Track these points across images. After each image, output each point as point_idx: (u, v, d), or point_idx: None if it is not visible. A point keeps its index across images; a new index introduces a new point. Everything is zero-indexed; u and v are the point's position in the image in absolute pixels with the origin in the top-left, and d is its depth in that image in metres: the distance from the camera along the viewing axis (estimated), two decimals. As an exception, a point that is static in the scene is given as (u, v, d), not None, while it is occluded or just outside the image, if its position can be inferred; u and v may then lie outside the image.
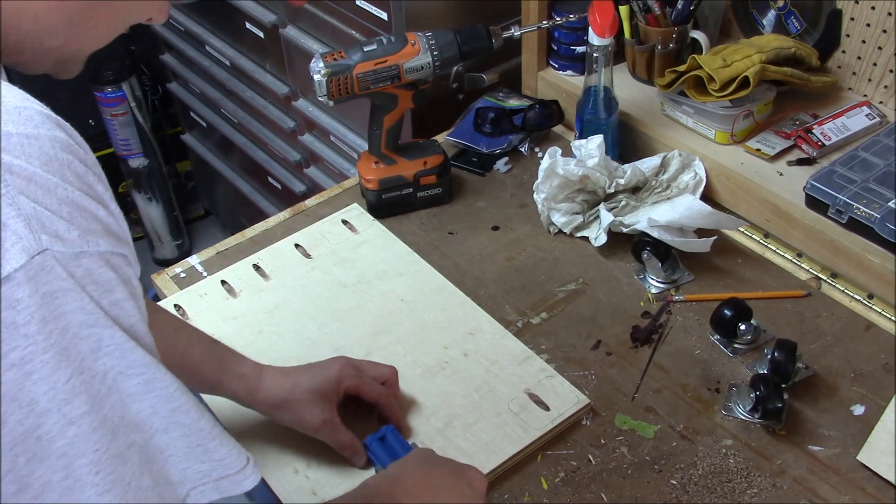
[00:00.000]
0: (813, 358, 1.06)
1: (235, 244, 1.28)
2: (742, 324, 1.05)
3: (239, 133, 2.17)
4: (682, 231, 1.17)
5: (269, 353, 1.05)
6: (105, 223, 0.55)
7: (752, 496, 0.92)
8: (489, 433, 0.98)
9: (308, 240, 1.26)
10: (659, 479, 0.94)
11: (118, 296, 0.55)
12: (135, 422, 0.56)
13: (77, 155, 0.56)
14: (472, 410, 1.01)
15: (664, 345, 1.09)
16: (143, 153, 2.51)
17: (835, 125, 1.25)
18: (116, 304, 0.55)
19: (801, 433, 0.98)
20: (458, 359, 1.07)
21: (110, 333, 0.54)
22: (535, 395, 1.02)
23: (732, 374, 1.05)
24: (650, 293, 1.16)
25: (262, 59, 1.93)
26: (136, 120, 2.44)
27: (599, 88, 1.27)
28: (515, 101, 1.47)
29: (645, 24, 1.34)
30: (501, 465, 0.95)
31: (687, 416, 1.01)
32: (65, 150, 0.55)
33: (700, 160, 1.26)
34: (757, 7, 1.37)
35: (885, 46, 1.25)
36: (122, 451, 0.55)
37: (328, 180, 1.87)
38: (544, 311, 1.15)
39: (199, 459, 0.60)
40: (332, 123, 1.78)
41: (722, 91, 1.23)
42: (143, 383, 0.56)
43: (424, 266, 1.20)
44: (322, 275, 1.20)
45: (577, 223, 1.24)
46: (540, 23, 1.33)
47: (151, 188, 2.59)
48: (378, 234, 1.26)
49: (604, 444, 0.98)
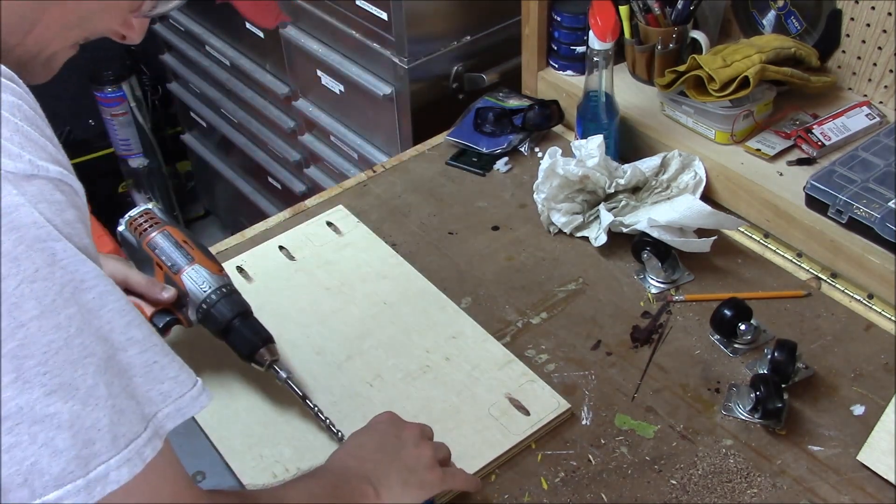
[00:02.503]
0: (813, 358, 1.06)
1: (235, 244, 1.28)
2: (742, 324, 1.05)
3: (239, 133, 2.17)
4: (682, 231, 1.17)
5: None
6: (54, 156, 0.59)
7: (752, 496, 0.92)
8: (469, 437, 0.98)
9: (292, 242, 1.25)
10: (659, 479, 0.94)
11: (69, 216, 0.58)
12: (95, 335, 0.57)
13: (25, 101, 0.60)
14: (453, 415, 1.00)
15: (664, 345, 1.09)
16: (143, 153, 2.51)
17: (835, 125, 1.25)
18: (68, 224, 0.58)
19: (801, 433, 0.98)
20: (439, 363, 1.07)
21: (63, 246, 0.56)
22: (516, 399, 1.02)
23: (732, 374, 1.05)
24: (650, 293, 1.16)
25: (262, 59, 1.93)
26: (136, 120, 2.44)
27: (600, 93, 1.27)
28: (515, 101, 1.47)
29: (645, 24, 1.34)
30: (482, 469, 0.95)
31: (687, 416, 1.01)
32: (13, 95, 0.59)
33: (700, 160, 1.26)
34: (757, 7, 1.37)
35: (885, 46, 1.25)
36: (75, 358, 0.56)
37: (328, 180, 1.87)
38: (544, 311, 1.15)
39: (157, 379, 0.61)
40: (332, 123, 1.78)
41: (722, 91, 1.23)
42: (98, 296, 0.58)
43: (408, 269, 1.20)
44: (305, 277, 1.20)
45: (577, 223, 1.24)
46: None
47: (151, 188, 2.59)
48: (362, 236, 1.26)
49: (604, 444, 0.98)
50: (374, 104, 1.62)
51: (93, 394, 0.57)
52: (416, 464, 0.87)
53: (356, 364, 1.07)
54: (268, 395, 1.03)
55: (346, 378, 1.05)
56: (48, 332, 0.55)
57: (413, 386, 1.04)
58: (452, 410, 1.01)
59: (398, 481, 0.85)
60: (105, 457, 0.57)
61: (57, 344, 0.55)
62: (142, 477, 0.59)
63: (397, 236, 1.27)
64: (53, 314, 0.55)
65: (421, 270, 1.20)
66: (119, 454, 0.57)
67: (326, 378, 1.04)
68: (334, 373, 1.06)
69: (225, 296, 0.98)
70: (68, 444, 0.55)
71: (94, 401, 0.57)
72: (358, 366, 1.07)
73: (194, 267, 0.98)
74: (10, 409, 0.54)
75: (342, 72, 1.64)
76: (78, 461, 0.56)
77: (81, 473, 0.56)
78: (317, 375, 1.05)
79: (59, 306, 0.55)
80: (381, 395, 1.03)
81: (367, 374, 1.06)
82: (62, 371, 0.55)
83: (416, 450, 0.88)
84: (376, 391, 1.03)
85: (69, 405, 0.55)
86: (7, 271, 0.54)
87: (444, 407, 1.01)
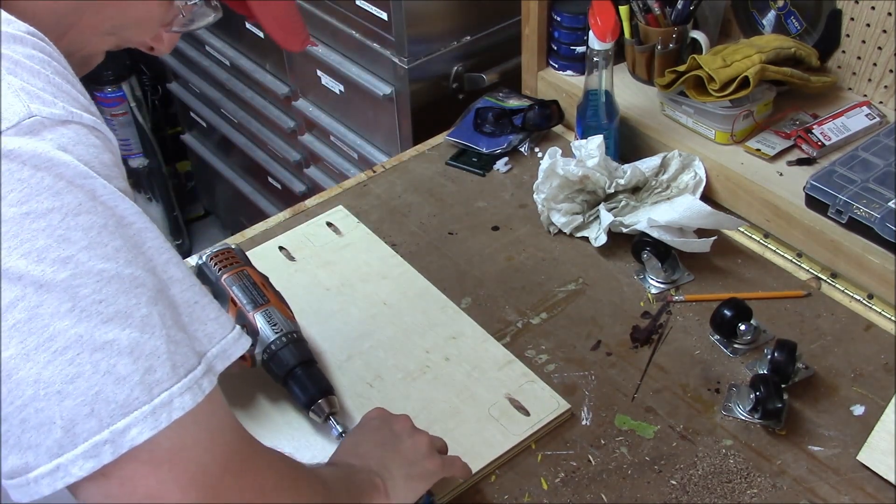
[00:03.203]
0: (813, 358, 1.06)
1: (235, 244, 1.28)
2: (742, 324, 1.05)
3: (239, 133, 2.17)
4: (682, 231, 1.17)
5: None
6: (87, 107, 0.60)
7: (752, 496, 0.92)
8: (469, 438, 0.97)
9: (292, 242, 1.25)
10: (659, 479, 0.94)
11: (105, 159, 0.59)
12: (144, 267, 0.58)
13: (55, 59, 0.61)
14: (453, 415, 1.00)
15: (664, 345, 1.09)
16: (143, 153, 2.51)
17: (835, 125, 1.25)
18: (105, 166, 0.58)
19: (801, 433, 0.98)
20: (439, 363, 1.07)
21: (102, 184, 0.57)
22: (516, 399, 1.02)
23: (732, 374, 1.05)
24: (650, 293, 1.16)
25: (262, 59, 1.93)
26: (136, 120, 2.44)
27: (600, 93, 1.27)
28: (515, 101, 1.47)
29: (645, 24, 1.34)
30: (482, 469, 0.95)
31: (687, 417, 1.01)
32: (45, 54, 0.60)
33: (700, 160, 1.26)
34: (757, 7, 1.37)
35: (885, 46, 1.25)
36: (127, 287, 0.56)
37: (328, 180, 1.87)
38: (544, 312, 1.15)
39: (200, 319, 0.61)
40: (332, 123, 1.78)
41: (722, 91, 1.23)
42: (137, 232, 0.59)
43: (408, 269, 1.20)
44: (305, 277, 1.20)
45: (577, 223, 1.24)
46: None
47: (151, 188, 2.59)
48: (362, 237, 1.26)
49: (604, 444, 0.98)
50: (374, 104, 1.62)
51: (148, 322, 0.57)
52: (415, 455, 0.87)
53: (356, 364, 1.07)
54: (268, 395, 1.03)
55: (346, 378, 1.05)
56: (98, 262, 0.55)
57: (413, 386, 1.04)
58: (452, 411, 1.01)
59: (401, 476, 0.85)
60: (167, 384, 0.57)
61: (108, 273, 0.55)
62: (203, 408, 0.59)
63: (397, 236, 1.27)
64: (101, 246, 0.56)
65: (421, 271, 1.20)
66: (180, 382, 0.57)
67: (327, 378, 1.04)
68: (334, 373, 1.06)
69: (293, 341, 0.99)
70: (130, 370, 0.55)
71: (150, 329, 0.57)
72: (358, 366, 1.07)
73: (268, 308, 1.00)
74: (70, 338, 0.54)
75: (342, 72, 1.64)
76: (142, 387, 0.55)
77: (146, 399, 0.56)
78: None
79: (105, 238, 0.56)
80: (381, 395, 1.03)
81: (367, 374, 1.06)
82: (116, 299, 0.55)
83: (412, 441, 0.88)
84: (376, 391, 1.04)
85: (127, 332, 0.56)
86: (52, 204, 0.54)
87: (444, 407, 1.01)
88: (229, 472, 0.60)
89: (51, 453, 0.54)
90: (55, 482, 0.54)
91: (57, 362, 0.54)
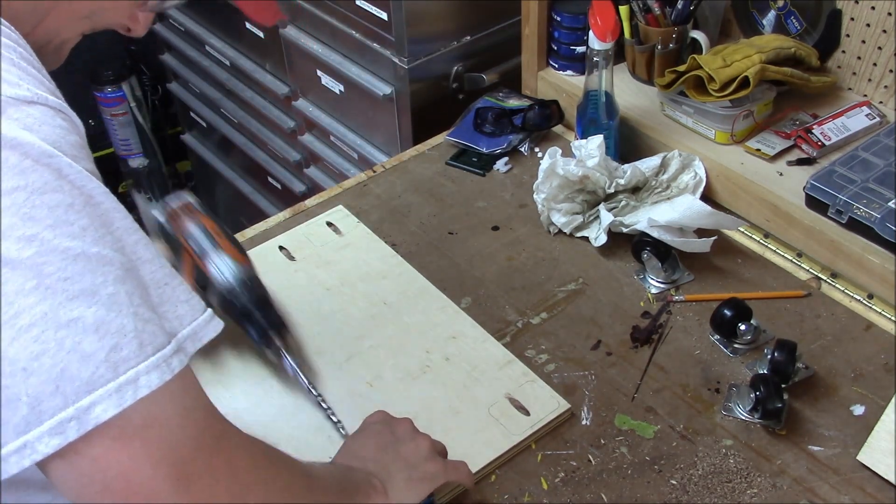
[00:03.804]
0: (813, 358, 1.06)
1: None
2: (742, 324, 1.05)
3: (239, 133, 2.17)
4: (682, 231, 1.17)
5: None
6: (52, 90, 0.60)
7: (752, 496, 0.92)
8: (469, 437, 0.97)
9: (292, 242, 1.25)
10: (659, 479, 0.94)
11: (72, 140, 0.59)
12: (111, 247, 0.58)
13: (21, 45, 0.61)
14: (453, 415, 1.00)
15: (664, 345, 1.09)
16: (143, 153, 2.51)
17: (835, 125, 1.25)
18: (72, 147, 0.58)
19: (801, 433, 0.98)
20: (439, 363, 1.07)
21: (68, 163, 0.57)
22: (516, 399, 1.02)
23: (732, 374, 1.05)
24: (650, 293, 1.16)
25: (262, 59, 1.93)
26: (136, 120, 2.44)
27: (600, 93, 1.27)
28: (515, 101, 1.47)
29: (645, 24, 1.34)
30: (482, 469, 0.95)
31: (687, 417, 1.01)
32: (10, 40, 0.61)
33: (700, 160, 1.26)
34: (757, 7, 1.37)
35: (885, 46, 1.25)
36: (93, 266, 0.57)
37: (328, 180, 1.87)
38: (544, 311, 1.15)
39: (170, 300, 0.61)
40: (332, 123, 1.78)
41: (722, 91, 1.23)
42: (105, 213, 0.59)
43: (408, 269, 1.20)
44: (305, 277, 1.20)
45: (577, 223, 1.24)
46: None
47: (151, 188, 2.59)
48: (362, 236, 1.26)
49: (604, 444, 0.98)
50: (373, 104, 1.62)
51: (115, 300, 0.57)
52: (416, 458, 0.87)
53: (356, 364, 1.07)
54: (268, 395, 1.03)
55: (346, 378, 1.05)
56: (64, 240, 0.55)
57: (413, 386, 1.04)
58: (452, 411, 1.01)
59: (402, 479, 0.85)
60: (134, 362, 0.57)
61: (74, 251, 0.56)
62: (174, 385, 0.58)
63: (397, 236, 1.27)
64: (66, 224, 0.56)
65: (421, 270, 1.20)
66: (147, 360, 0.57)
67: (326, 378, 1.04)
68: (334, 373, 1.06)
69: (245, 284, 1.00)
70: (96, 347, 0.55)
71: (116, 307, 0.57)
72: (358, 366, 1.07)
73: (219, 254, 1.00)
74: (35, 315, 0.54)
75: (342, 72, 1.64)
76: (107, 365, 0.56)
77: (112, 377, 0.56)
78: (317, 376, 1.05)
79: (71, 217, 0.56)
80: (381, 395, 1.03)
81: (367, 374, 1.06)
82: (82, 277, 0.56)
83: (413, 444, 0.88)
84: (376, 391, 1.03)
85: (93, 310, 0.55)
86: (17, 183, 0.54)
87: (444, 407, 1.01)
88: (202, 449, 0.60)
89: (18, 430, 0.54)
90: (22, 459, 0.55)
91: (22, 339, 0.54)
